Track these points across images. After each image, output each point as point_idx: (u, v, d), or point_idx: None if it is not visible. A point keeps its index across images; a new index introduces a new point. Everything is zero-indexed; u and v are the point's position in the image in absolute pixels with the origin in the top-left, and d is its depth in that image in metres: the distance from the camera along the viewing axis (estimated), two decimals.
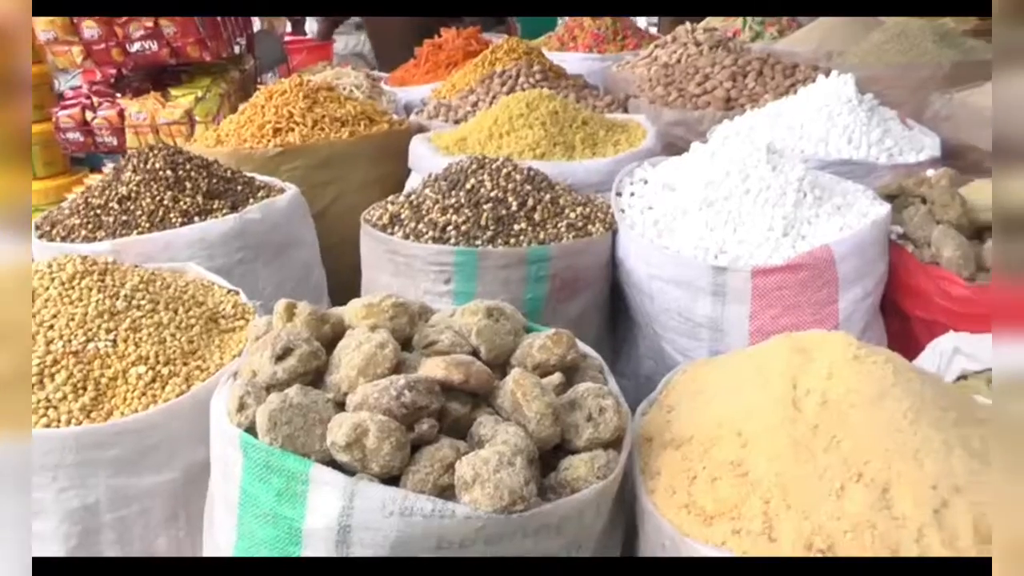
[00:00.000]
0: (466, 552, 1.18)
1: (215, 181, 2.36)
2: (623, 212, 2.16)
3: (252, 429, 1.27)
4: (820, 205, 2.04)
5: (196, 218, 2.24)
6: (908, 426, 1.26)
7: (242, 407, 1.30)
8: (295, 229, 2.41)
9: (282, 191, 2.45)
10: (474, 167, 2.14)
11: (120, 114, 3.96)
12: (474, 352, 1.40)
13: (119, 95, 4.09)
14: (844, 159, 2.46)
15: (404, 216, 2.07)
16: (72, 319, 1.66)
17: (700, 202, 2.06)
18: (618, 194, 2.25)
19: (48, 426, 1.52)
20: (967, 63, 3.25)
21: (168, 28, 3.96)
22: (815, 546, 1.16)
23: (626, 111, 3.20)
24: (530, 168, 2.19)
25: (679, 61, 3.69)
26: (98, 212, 2.23)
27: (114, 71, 4.23)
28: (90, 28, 3.88)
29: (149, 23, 3.92)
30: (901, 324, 2.08)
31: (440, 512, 1.15)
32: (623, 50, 4.59)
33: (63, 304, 1.68)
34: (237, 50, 4.63)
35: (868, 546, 1.14)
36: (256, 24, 5.59)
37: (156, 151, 2.35)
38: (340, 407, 1.28)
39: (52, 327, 1.64)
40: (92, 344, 1.64)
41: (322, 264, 2.58)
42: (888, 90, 3.12)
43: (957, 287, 1.92)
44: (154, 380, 1.63)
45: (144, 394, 1.60)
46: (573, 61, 4.19)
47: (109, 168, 2.39)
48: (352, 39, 7.23)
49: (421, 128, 3.04)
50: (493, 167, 2.14)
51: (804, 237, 1.97)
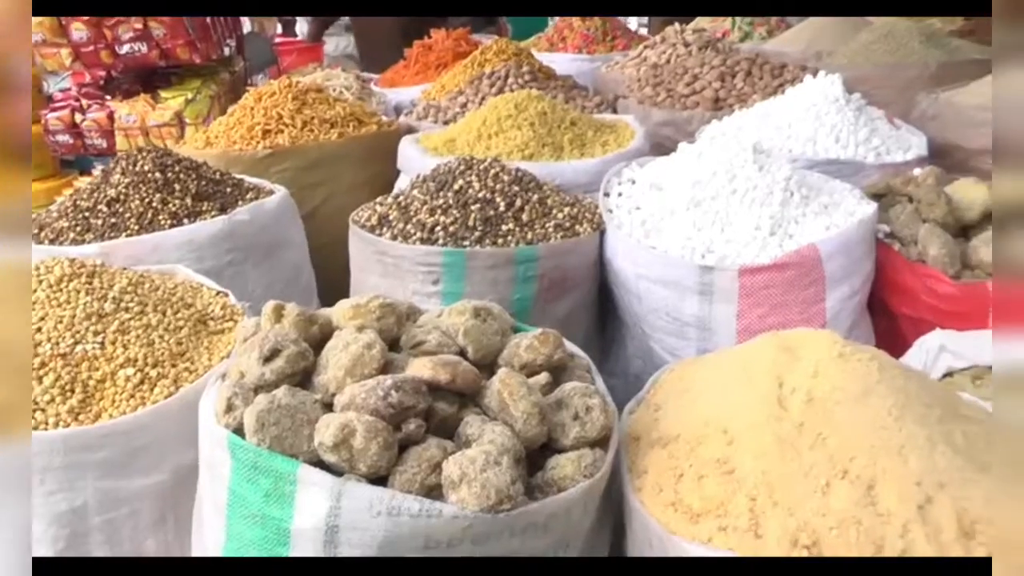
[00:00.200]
0: (453, 552, 1.18)
1: (204, 183, 2.36)
2: (611, 212, 2.17)
3: (240, 430, 1.27)
4: (807, 204, 2.05)
5: (185, 220, 2.24)
6: (893, 423, 1.26)
7: (230, 408, 1.30)
8: (284, 230, 2.41)
9: (271, 193, 2.45)
10: (462, 168, 2.15)
11: (110, 116, 3.96)
12: (461, 352, 1.40)
13: (108, 97, 4.08)
14: (832, 158, 2.47)
15: (392, 217, 2.08)
16: (60, 321, 1.66)
17: (687, 202, 2.06)
18: (606, 194, 2.26)
19: (36, 428, 1.51)
20: (953, 63, 3.26)
21: (157, 30, 3.96)
22: (800, 542, 1.16)
23: (615, 111, 3.21)
24: (518, 169, 2.20)
25: (668, 62, 3.70)
26: (86, 215, 2.23)
27: (103, 73, 4.23)
28: (79, 30, 3.87)
29: (138, 25, 3.92)
30: (889, 322, 2.09)
31: (427, 512, 1.15)
32: (612, 51, 4.60)
33: (51, 307, 1.68)
34: (227, 52, 4.62)
35: (853, 542, 1.15)
36: (246, 26, 5.58)
37: (145, 153, 2.35)
38: (328, 408, 1.29)
39: (40, 330, 1.64)
40: (80, 346, 1.63)
41: (312, 265, 2.57)
42: (876, 90, 3.13)
43: (943, 285, 1.93)
44: (142, 382, 1.63)
45: (132, 396, 1.60)
46: (563, 62, 4.19)
47: (98, 171, 2.38)
48: (343, 40, 7.22)
49: (411, 129, 3.04)
50: (481, 168, 2.14)
51: (791, 236, 1.98)
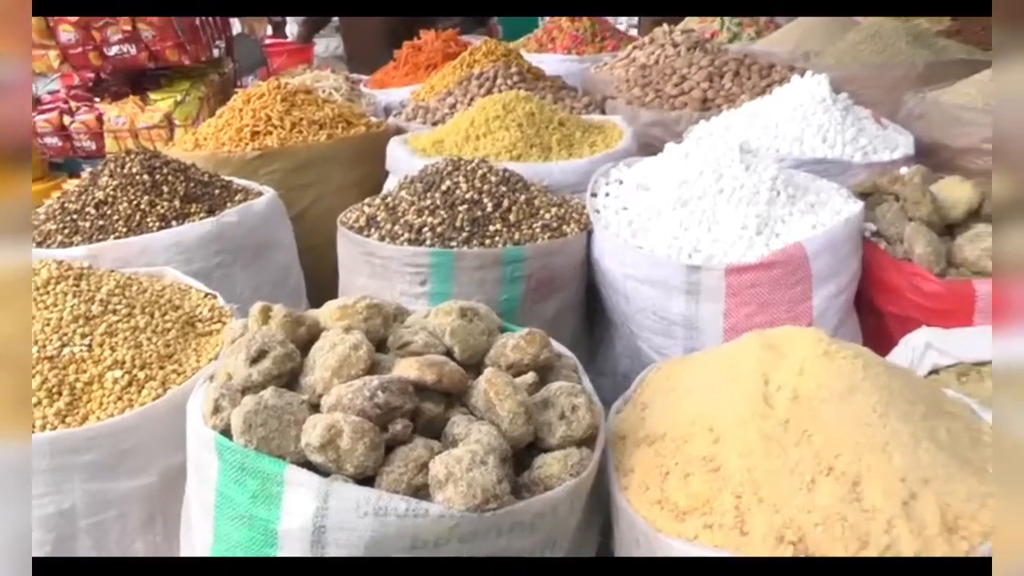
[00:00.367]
0: (440, 551, 1.19)
1: (192, 185, 2.36)
2: (598, 212, 2.17)
3: (227, 432, 1.27)
4: (793, 203, 2.06)
5: (173, 222, 2.24)
6: (877, 420, 1.28)
7: (217, 410, 1.31)
8: (273, 232, 2.41)
9: (260, 194, 2.45)
10: (449, 169, 2.15)
11: (99, 118, 3.96)
12: (448, 352, 1.41)
13: (97, 99, 4.08)
14: (819, 158, 2.48)
15: (380, 218, 2.08)
16: (47, 324, 1.66)
17: (674, 202, 2.07)
18: (593, 195, 2.26)
19: None
20: (940, 62, 3.28)
21: (146, 32, 3.96)
22: (786, 539, 1.17)
23: (603, 112, 3.21)
24: (505, 169, 2.20)
25: (657, 62, 3.70)
26: (74, 217, 2.23)
27: (92, 75, 4.23)
28: (67, 32, 3.87)
29: (127, 27, 3.92)
30: (876, 320, 2.10)
31: (414, 512, 1.16)
32: (602, 51, 4.60)
33: (38, 309, 1.68)
34: (216, 53, 4.63)
35: (838, 537, 1.16)
36: (235, 27, 5.58)
37: (133, 155, 2.35)
38: (315, 408, 1.29)
39: None
40: (67, 349, 1.63)
41: (301, 267, 2.57)
42: (863, 89, 3.15)
43: (928, 283, 1.94)
44: (130, 384, 1.62)
45: (120, 398, 1.60)
46: (552, 63, 4.20)
47: (87, 173, 2.38)
48: (333, 42, 7.22)
49: (399, 130, 3.04)
50: (468, 168, 2.15)
51: (778, 235, 1.98)
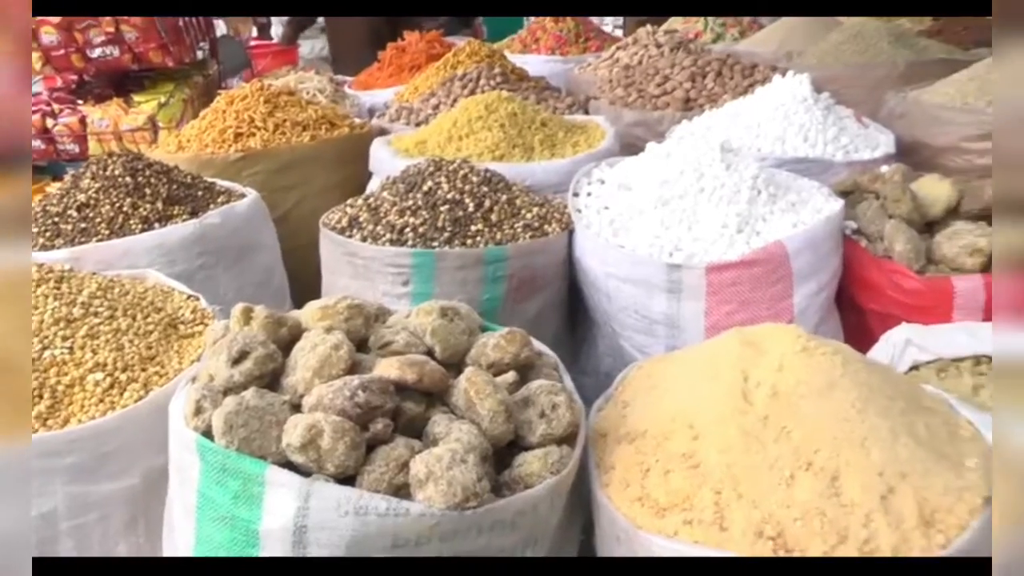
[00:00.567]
0: (421, 550, 1.19)
1: (175, 187, 2.36)
2: (580, 212, 2.18)
3: (209, 433, 1.27)
4: (774, 202, 2.07)
5: (156, 224, 2.23)
6: (856, 415, 1.28)
7: (199, 411, 1.31)
8: (256, 234, 2.41)
9: (243, 196, 2.45)
10: (431, 169, 2.15)
11: (82, 121, 3.93)
12: (429, 352, 1.41)
13: (80, 101, 4.06)
14: (800, 157, 2.50)
15: (362, 219, 2.08)
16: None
17: (655, 201, 2.08)
18: (575, 194, 2.27)
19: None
20: (921, 62, 3.31)
21: (129, 33, 3.95)
22: (765, 534, 1.18)
23: (587, 112, 3.22)
24: (487, 170, 2.21)
25: (640, 63, 3.72)
26: (56, 220, 2.22)
27: (75, 77, 4.21)
28: (49, 34, 3.85)
29: (110, 28, 3.91)
30: (857, 317, 2.11)
31: (394, 511, 1.16)
32: (585, 52, 4.62)
33: None
34: (200, 55, 4.61)
35: (817, 532, 1.16)
36: (220, 29, 5.57)
37: (115, 158, 2.34)
38: (296, 409, 1.29)
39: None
40: (48, 352, 1.63)
41: (285, 268, 2.57)
42: (846, 89, 3.17)
43: (908, 280, 1.96)
44: (112, 386, 1.62)
45: (102, 401, 1.60)
46: (536, 63, 4.21)
47: (69, 176, 2.38)
48: (318, 43, 7.21)
49: (383, 131, 3.04)
50: (450, 169, 2.15)
51: (759, 234, 1.99)
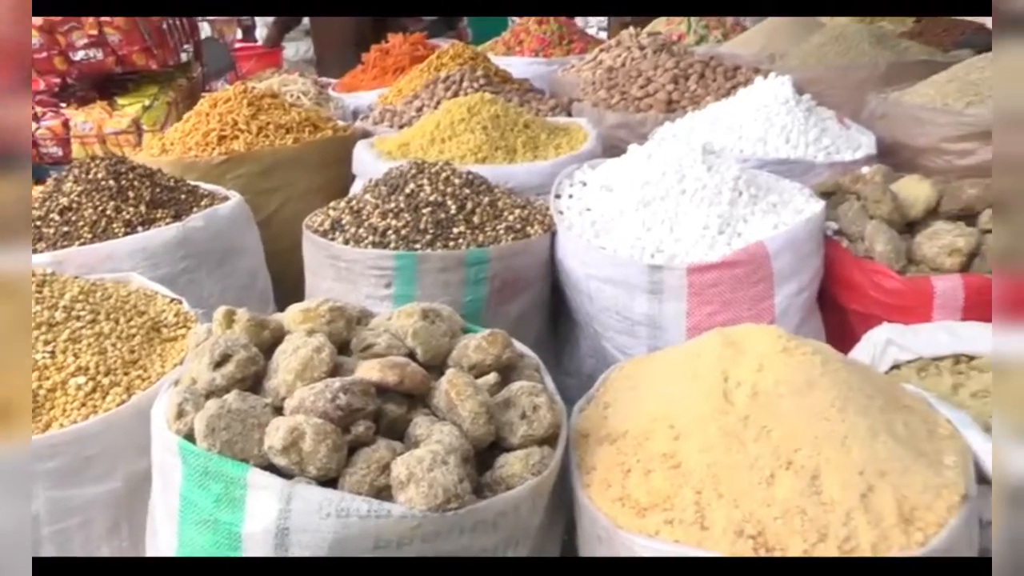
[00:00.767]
0: (403, 551, 1.19)
1: (158, 190, 2.35)
2: (562, 214, 2.19)
3: (191, 436, 1.27)
4: (756, 203, 2.08)
5: (139, 228, 2.23)
6: (836, 414, 1.30)
7: (181, 414, 1.31)
8: (239, 237, 2.40)
9: (226, 199, 2.45)
10: (414, 172, 2.16)
11: (65, 124, 3.91)
12: (411, 354, 1.42)
13: (63, 105, 4.04)
14: (782, 158, 2.51)
15: (345, 221, 2.08)
16: None
17: (637, 202, 2.09)
18: (557, 196, 2.27)
19: None
20: (902, 64, 3.33)
21: (113, 36, 3.93)
22: (746, 533, 1.19)
23: (570, 114, 3.23)
24: (469, 172, 2.21)
25: (623, 65, 3.73)
26: (38, 223, 2.21)
27: (58, 80, 4.18)
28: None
29: (93, 31, 3.89)
30: (839, 317, 2.13)
31: (376, 512, 1.17)
32: (569, 54, 4.63)
33: None
34: (184, 58, 4.60)
35: (797, 530, 1.17)
36: (204, 31, 5.55)
37: (98, 161, 2.34)
38: (278, 411, 1.29)
39: None
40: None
41: (268, 271, 2.57)
42: (828, 90, 3.20)
43: (889, 280, 1.97)
44: (94, 390, 1.62)
45: (84, 404, 1.59)
46: (519, 65, 4.21)
47: (51, 179, 2.37)
48: (303, 45, 7.20)
49: (366, 134, 3.04)
50: (432, 171, 2.15)
51: (740, 235, 2.00)
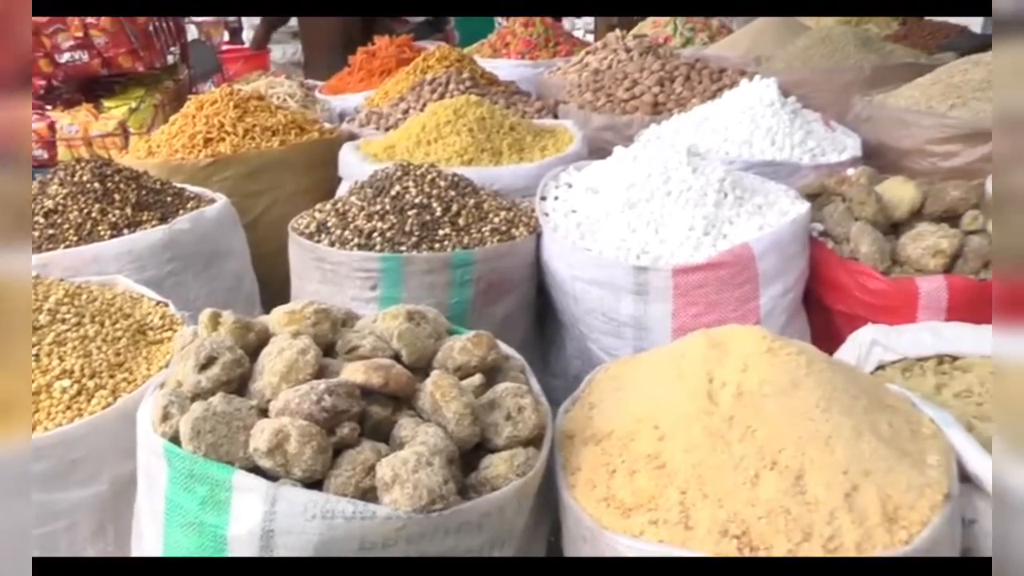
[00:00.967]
0: (389, 552, 1.20)
1: (144, 193, 2.35)
2: (547, 215, 2.19)
3: (176, 439, 1.27)
4: (741, 205, 2.09)
5: (125, 230, 2.22)
6: (820, 414, 1.30)
7: (166, 417, 1.31)
8: (225, 239, 2.40)
9: (212, 201, 2.45)
10: (399, 174, 2.16)
11: (50, 127, 3.89)
12: (396, 356, 1.42)
13: (49, 107, 4.01)
14: (768, 160, 2.52)
15: (331, 224, 2.08)
16: None
17: (622, 204, 2.09)
18: (543, 198, 2.28)
19: None
20: (887, 66, 3.34)
21: (99, 38, 3.92)
22: (730, 532, 1.19)
23: (556, 117, 3.23)
24: (454, 174, 2.21)
25: (609, 67, 3.74)
26: None
27: (43, 82, 4.16)
28: None
29: (79, 33, 3.88)
30: (825, 318, 2.14)
31: (361, 514, 1.17)
32: (555, 56, 4.63)
33: None
34: (171, 60, 4.58)
35: (782, 530, 1.18)
36: (191, 33, 5.53)
37: (84, 164, 2.33)
38: (264, 414, 1.29)
39: None
40: None
41: (255, 274, 2.57)
42: (813, 92, 3.21)
43: (874, 280, 1.98)
44: (79, 393, 1.62)
45: (69, 408, 1.59)
46: (506, 67, 4.23)
47: (36, 182, 2.36)
48: (290, 47, 7.20)
49: (353, 136, 3.04)
50: (418, 173, 2.15)
51: (725, 236, 2.01)
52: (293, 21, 6.73)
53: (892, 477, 1.24)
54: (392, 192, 2.10)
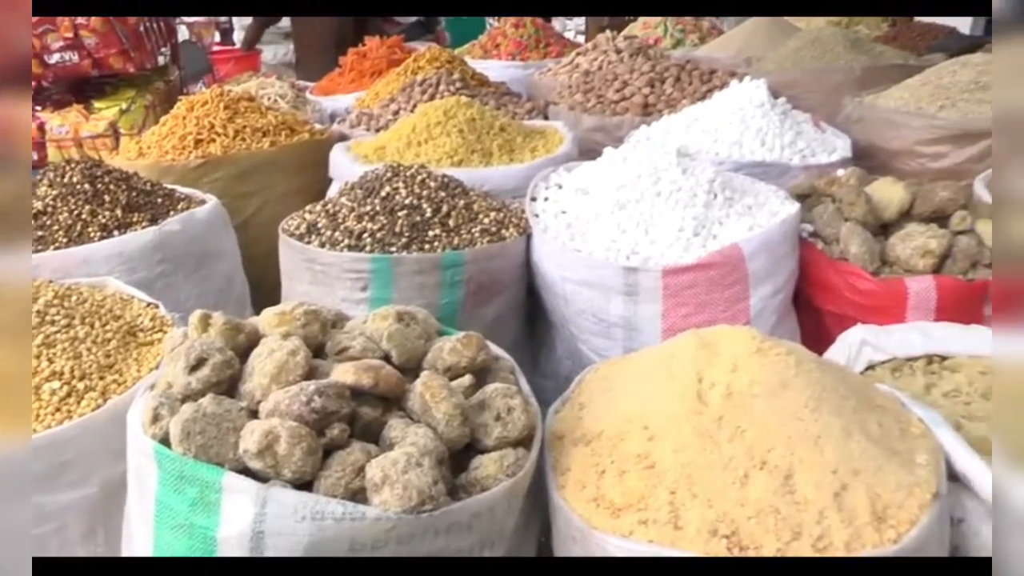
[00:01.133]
0: (379, 553, 1.20)
1: (135, 194, 2.34)
2: (537, 216, 2.19)
3: (166, 440, 1.27)
4: (731, 206, 2.09)
5: (115, 232, 2.22)
6: (809, 414, 1.31)
7: (156, 418, 1.30)
8: (216, 241, 2.40)
9: (203, 202, 2.44)
10: (389, 175, 2.16)
11: (40, 128, 3.87)
12: (386, 357, 1.42)
13: (39, 108, 4.00)
14: (758, 161, 2.53)
15: (321, 225, 2.08)
16: None
17: (612, 205, 2.10)
18: (533, 199, 2.28)
19: None
20: (876, 67, 3.35)
21: (89, 39, 3.90)
22: (719, 532, 1.19)
23: (546, 118, 3.24)
24: (444, 175, 2.21)
25: (599, 68, 3.75)
26: None
27: (33, 83, 4.15)
28: None
29: (69, 34, 3.86)
30: (815, 318, 2.14)
31: (351, 515, 1.17)
32: (546, 57, 4.64)
33: None
34: (162, 61, 4.56)
35: (771, 529, 1.18)
36: (182, 34, 5.52)
37: (73, 165, 2.33)
38: (254, 415, 1.29)
39: None
40: None
41: (246, 275, 2.57)
42: (804, 93, 3.22)
43: (863, 281, 1.99)
44: (69, 395, 1.61)
45: (59, 409, 1.58)
46: (496, 68, 4.23)
47: None
48: (281, 48, 7.17)
49: (343, 137, 3.04)
50: (408, 174, 2.15)
51: (715, 237, 2.02)
52: (284, 21, 6.71)
53: (881, 476, 1.24)
54: (382, 193, 2.10)
